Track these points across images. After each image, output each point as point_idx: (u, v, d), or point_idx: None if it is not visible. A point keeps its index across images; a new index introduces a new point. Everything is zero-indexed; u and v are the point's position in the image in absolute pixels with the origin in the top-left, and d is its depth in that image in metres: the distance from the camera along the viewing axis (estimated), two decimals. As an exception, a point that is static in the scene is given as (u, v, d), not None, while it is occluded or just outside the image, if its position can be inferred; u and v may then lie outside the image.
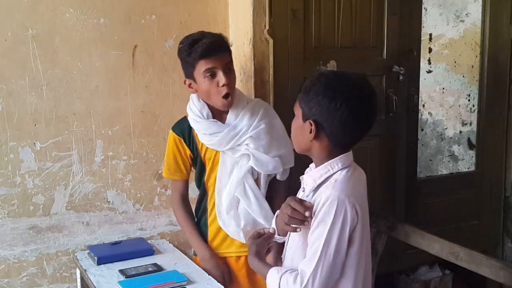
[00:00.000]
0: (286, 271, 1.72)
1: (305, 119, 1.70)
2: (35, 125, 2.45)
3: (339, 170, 1.71)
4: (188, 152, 2.31)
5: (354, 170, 1.75)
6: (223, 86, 2.14)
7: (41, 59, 2.43)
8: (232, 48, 2.72)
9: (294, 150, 2.15)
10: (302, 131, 1.72)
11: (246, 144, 2.23)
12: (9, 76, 2.39)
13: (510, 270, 2.13)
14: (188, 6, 2.65)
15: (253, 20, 2.53)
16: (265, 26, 2.53)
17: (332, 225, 1.62)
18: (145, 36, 2.60)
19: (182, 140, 2.30)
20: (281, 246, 1.95)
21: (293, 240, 1.81)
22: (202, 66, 2.13)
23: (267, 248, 1.88)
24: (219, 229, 2.31)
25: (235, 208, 2.26)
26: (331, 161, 1.71)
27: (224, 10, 2.72)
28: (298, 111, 1.73)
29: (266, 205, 2.26)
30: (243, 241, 2.25)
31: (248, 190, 2.24)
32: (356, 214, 1.65)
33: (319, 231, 1.64)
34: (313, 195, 1.73)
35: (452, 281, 3.28)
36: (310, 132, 1.68)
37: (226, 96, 2.16)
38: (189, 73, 2.20)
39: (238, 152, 2.24)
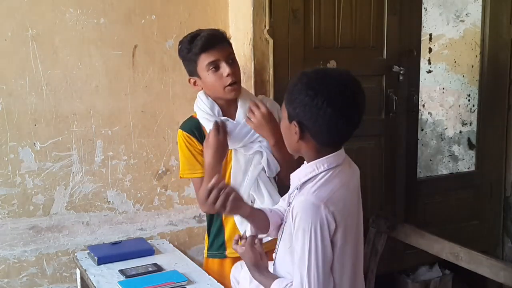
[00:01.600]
0: (287, 284, 1.71)
1: (290, 120, 1.67)
2: (35, 125, 2.45)
3: (325, 170, 1.68)
4: (200, 147, 2.25)
5: (341, 170, 1.71)
6: (227, 76, 2.12)
7: (41, 59, 2.43)
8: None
9: None
10: (289, 132, 1.70)
11: (259, 141, 2.22)
12: (9, 76, 2.39)
13: (510, 270, 2.14)
14: (188, 6, 2.65)
15: (253, 20, 2.53)
16: (265, 26, 2.53)
17: (311, 232, 1.60)
18: (145, 36, 2.60)
19: (192, 136, 2.25)
20: None
21: (283, 243, 1.80)
22: (204, 60, 2.12)
23: (259, 253, 1.86)
24: (235, 228, 2.29)
25: None
26: (317, 160, 1.68)
27: (224, 10, 2.72)
28: (284, 112, 1.71)
29: (279, 200, 2.25)
30: None
31: (261, 186, 2.24)
32: (334, 219, 1.62)
33: (301, 239, 1.62)
34: (298, 193, 1.72)
35: (452, 281, 3.28)
36: (296, 133, 1.66)
37: (232, 84, 2.15)
38: (192, 71, 2.19)
39: (251, 150, 2.23)
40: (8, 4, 2.35)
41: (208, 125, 2.22)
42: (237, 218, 2.26)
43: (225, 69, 2.12)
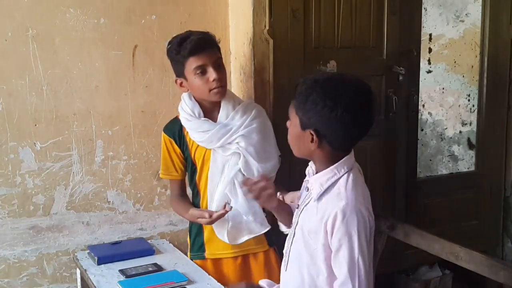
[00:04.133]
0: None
1: (304, 127, 1.69)
2: (35, 125, 2.46)
3: (345, 173, 1.70)
4: (179, 151, 2.33)
5: (357, 172, 1.75)
6: (213, 81, 2.15)
7: (41, 59, 2.43)
8: (232, 48, 2.73)
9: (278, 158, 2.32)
10: (302, 139, 1.71)
11: (237, 143, 2.23)
12: (10, 76, 2.39)
13: (510, 270, 2.13)
14: (188, 6, 2.66)
15: (253, 20, 2.53)
16: (265, 26, 2.53)
17: (359, 235, 1.63)
18: (145, 36, 2.60)
19: (173, 141, 2.32)
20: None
21: (300, 244, 1.80)
22: (192, 64, 2.15)
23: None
24: (213, 230, 2.31)
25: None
26: (336, 165, 1.71)
27: (224, 10, 2.72)
28: (295, 119, 1.72)
29: (255, 202, 2.25)
30: (227, 242, 2.27)
31: (237, 187, 2.25)
32: (372, 219, 1.69)
33: (348, 244, 1.63)
34: (319, 198, 1.72)
35: (452, 281, 3.28)
36: (312, 141, 1.67)
37: (217, 87, 2.18)
38: (179, 72, 2.22)
39: (229, 151, 2.25)
40: (8, 4, 2.36)
41: (187, 125, 2.27)
42: None
43: (211, 74, 2.15)
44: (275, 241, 2.37)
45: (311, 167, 1.81)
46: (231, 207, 2.18)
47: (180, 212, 2.42)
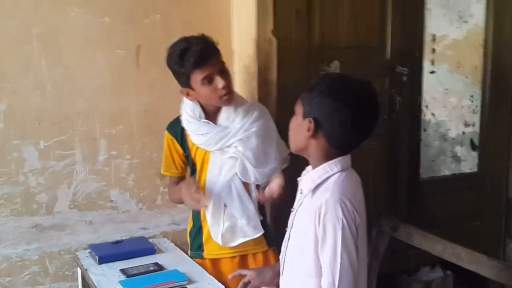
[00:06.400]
0: None
1: (305, 116, 1.69)
2: (39, 123, 2.46)
3: (338, 172, 1.69)
4: (181, 151, 2.33)
5: (351, 174, 1.74)
6: (222, 88, 2.14)
7: (45, 58, 2.43)
8: (235, 48, 2.74)
9: (280, 161, 2.31)
10: (300, 128, 1.71)
11: (235, 147, 2.23)
12: (13, 75, 2.40)
13: (511, 271, 2.14)
14: (192, 6, 2.66)
15: (257, 20, 2.53)
16: (269, 27, 2.53)
17: (343, 228, 1.61)
18: (149, 36, 2.60)
19: (175, 140, 2.32)
20: None
21: (292, 251, 1.80)
22: (198, 75, 2.13)
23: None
24: None
25: (222, 210, 2.26)
26: (329, 162, 1.70)
27: (227, 10, 2.73)
28: (299, 109, 1.73)
29: (250, 206, 2.27)
30: (221, 244, 2.27)
31: (233, 190, 2.25)
32: (357, 213, 1.65)
33: (332, 237, 1.62)
34: (312, 196, 1.72)
35: (454, 282, 3.28)
36: (308, 130, 1.68)
37: (226, 94, 2.17)
38: (184, 83, 2.19)
39: (227, 154, 2.24)
40: (13, 3, 2.36)
41: (188, 127, 2.27)
42: (209, 220, 2.28)
43: (219, 82, 2.14)
44: (275, 241, 2.37)
45: (307, 170, 1.81)
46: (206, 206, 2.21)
47: (174, 192, 2.37)
